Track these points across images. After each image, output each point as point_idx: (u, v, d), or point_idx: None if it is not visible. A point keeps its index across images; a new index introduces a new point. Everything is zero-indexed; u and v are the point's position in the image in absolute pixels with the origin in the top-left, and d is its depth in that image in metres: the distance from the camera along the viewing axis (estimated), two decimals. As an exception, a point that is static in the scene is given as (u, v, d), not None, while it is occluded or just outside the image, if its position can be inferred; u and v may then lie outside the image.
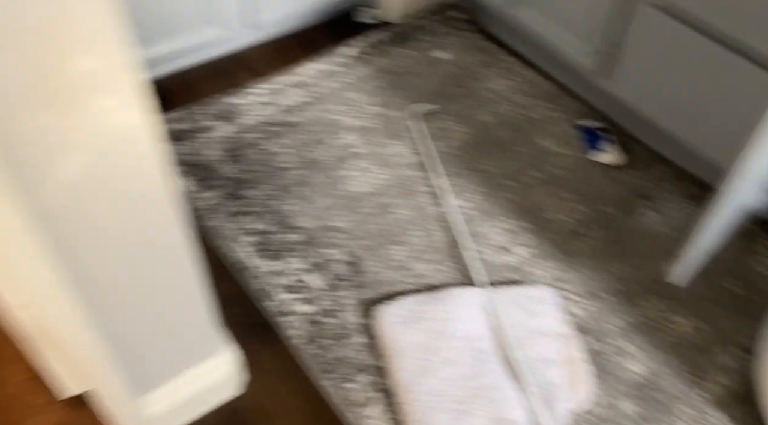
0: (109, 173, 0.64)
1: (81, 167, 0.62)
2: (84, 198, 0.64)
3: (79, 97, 0.58)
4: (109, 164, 0.63)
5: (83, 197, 0.64)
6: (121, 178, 0.65)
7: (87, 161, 0.62)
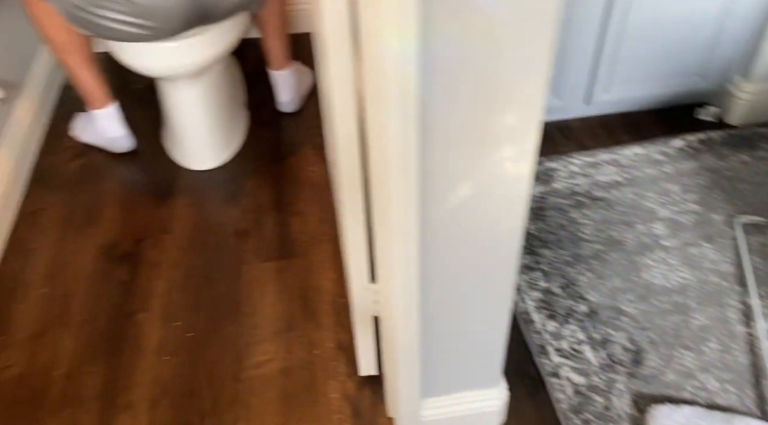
0: (481, 205, 0.73)
1: (463, 197, 0.71)
2: (454, 221, 0.73)
3: (492, 144, 0.67)
4: (485, 198, 0.72)
5: (454, 219, 0.73)
6: (489, 211, 0.73)
7: (470, 194, 0.71)
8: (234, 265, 1.39)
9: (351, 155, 0.80)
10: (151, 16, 1.22)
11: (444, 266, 0.77)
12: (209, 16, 1.31)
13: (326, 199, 1.53)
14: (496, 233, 0.75)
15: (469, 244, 0.76)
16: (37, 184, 1.59)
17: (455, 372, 0.95)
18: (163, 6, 1.21)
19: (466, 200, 0.71)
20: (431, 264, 0.77)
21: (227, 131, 1.66)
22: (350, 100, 0.74)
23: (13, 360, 1.21)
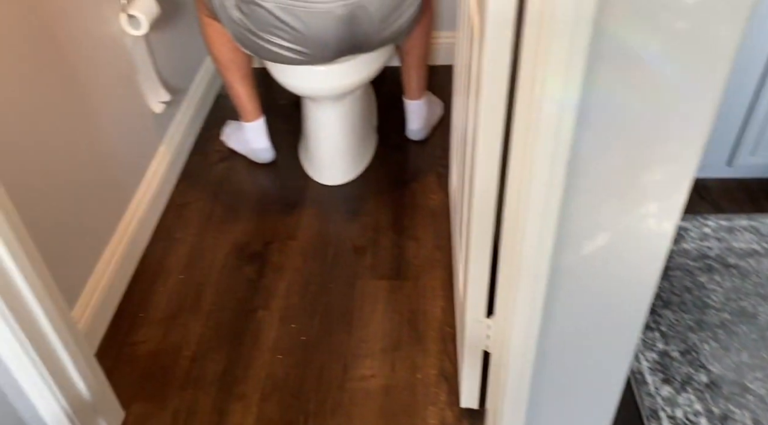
0: (616, 257, 0.73)
1: (600, 247, 0.72)
2: (586, 268, 0.74)
3: (637, 199, 0.67)
4: (621, 251, 0.72)
5: (586, 267, 0.74)
6: (624, 264, 0.73)
7: (607, 244, 0.72)
8: (349, 278, 1.46)
9: (488, 190, 0.83)
10: (310, 45, 1.33)
11: (568, 313, 0.78)
12: (361, 47, 1.40)
13: (442, 227, 1.57)
14: (627, 287, 0.75)
15: (597, 294, 0.76)
16: (186, 180, 1.76)
17: (561, 421, 0.94)
18: (322, 37, 1.32)
19: (602, 250, 0.71)
20: (555, 308, 0.78)
21: (358, 152, 1.76)
22: (497, 139, 0.78)
23: (148, 336, 1.36)
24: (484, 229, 0.87)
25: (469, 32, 0.96)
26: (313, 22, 1.28)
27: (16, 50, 1.12)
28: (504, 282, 0.84)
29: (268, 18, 1.28)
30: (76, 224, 1.30)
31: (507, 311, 0.83)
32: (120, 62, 1.50)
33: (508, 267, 0.80)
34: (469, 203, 0.96)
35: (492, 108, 0.75)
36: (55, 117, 1.24)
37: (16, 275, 0.86)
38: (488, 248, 0.89)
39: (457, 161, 1.32)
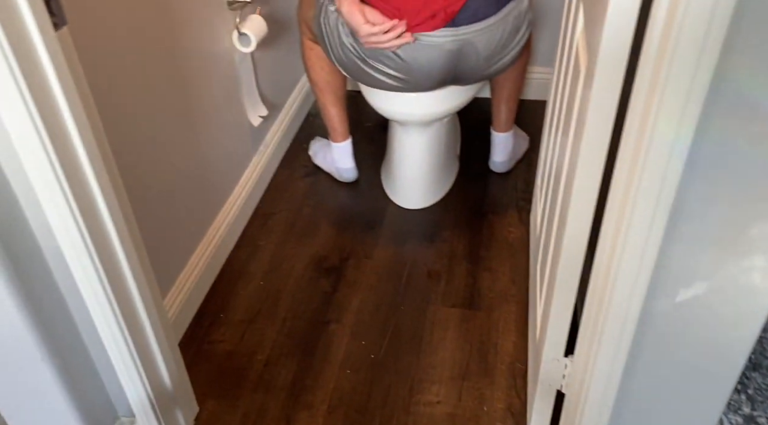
0: (713, 309, 0.71)
1: (696, 296, 0.70)
2: (679, 317, 0.72)
3: (743, 250, 0.66)
4: (720, 303, 0.70)
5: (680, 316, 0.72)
6: (721, 317, 0.71)
7: (704, 294, 0.70)
8: (421, 302, 1.47)
9: (580, 229, 0.83)
10: (414, 75, 1.38)
11: (654, 362, 0.76)
12: (461, 80, 1.44)
13: (520, 262, 1.56)
14: (721, 342, 0.72)
15: (687, 346, 0.74)
16: (273, 191, 1.84)
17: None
18: (427, 69, 1.36)
19: (698, 300, 0.70)
20: (641, 356, 0.76)
21: (439, 178, 1.78)
22: (596, 178, 0.78)
23: (227, 336, 1.42)
24: (572, 267, 0.87)
25: (572, 69, 0.97)
26: (421, 54, 1.33)
27: (144, 58, 1.23)
28: (588, 323, 0.83)
29: (378, 49, 1.34)
30: (174, 223, 1.38)
31: (589, 353, 0.82)
32: (227, 77, 1.60)
33: (595, 308, 0.79)
34: (557, 240, 0.95)
35: (594, 147, 0.76)
36: (167, 123, 1.33)
37: (123, 261, 0.93)
38: (574, 287, 0.89)
39: (542, 198, 1.32)
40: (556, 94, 1.22)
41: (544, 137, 1.43)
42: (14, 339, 0.88)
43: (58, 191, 0.80)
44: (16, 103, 0.72)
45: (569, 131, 0.92)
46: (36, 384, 0.94)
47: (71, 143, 0.80)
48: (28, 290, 0.85)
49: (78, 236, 0.84)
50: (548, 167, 1.25)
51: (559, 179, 0.99)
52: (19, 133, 0.75)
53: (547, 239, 1.09)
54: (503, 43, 1.36)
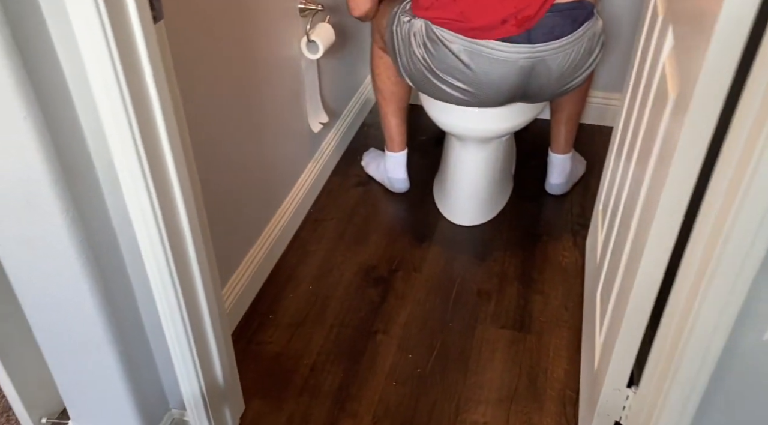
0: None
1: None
2: (765, 356, 0.69)
3: None
4: None
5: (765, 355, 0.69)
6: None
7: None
8: (470, 321, 1.46)
9: (656, 264, 0.81)
10: (484, 90, 1.37)
11: (732, 402, 0.73)
12: (528, 98, 1.43)
13: (573, 287, 1.53)
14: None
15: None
16: (325, 198, 1.85)
17: None
18: (498, 84, 1.35)
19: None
20: (717, 394, 0.73)
21: (493, 196, 1.76)
22: (679, 210, 0.76)
23: (274, 338, 1.42)
24: (644, 300, 0.84)
25: (653, 95, 0.95)
26: (493, 69, 1.32)
27: (221, 59, 1.26)
28: (660, 356, 0.80)
29: (451, 59, 1.34)
30: (233, 221, 1.40)
31: (660, 387, 0.80)
32: (292, 82, 1.62)
33: (670, 341, 0.76)
34: (628, 272, 0.93)
35: (680, 179, 0.74)
36: (235, 123, 1.36)
37: (191, 254, 0.94)
38: (645, 320, 0.86)
39: (604, 225, 1.29)
40: (628, 121, 1.19)
41: (608, 163, 1.40)
42: (84, 321, 0.90)
43: (141, 180, 0.81)
44: (112, 89, 0.74)
45: (647, 162, 0.90)
46: (98, 368, 0.96)
47: (157, 133, 0.82)
48: (101, 275, 0.87)
49: (154, 227, 0.85)
50: (614, 195, 1.23)
51: (632, 209, 0.97)
52: (110, 119, 0.77)
53: (613, 269, 1.07)
54: (576, 63, 1.35)
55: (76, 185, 0.78)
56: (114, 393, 0.99)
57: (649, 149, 0.90)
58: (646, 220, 0.84)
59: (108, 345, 0.92)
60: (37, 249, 0.82)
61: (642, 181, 0.92)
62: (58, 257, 0.82)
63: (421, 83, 1.46)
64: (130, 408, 1.02)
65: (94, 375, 0.97)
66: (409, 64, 1.45)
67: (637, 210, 0.92)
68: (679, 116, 0.75)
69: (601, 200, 1.43)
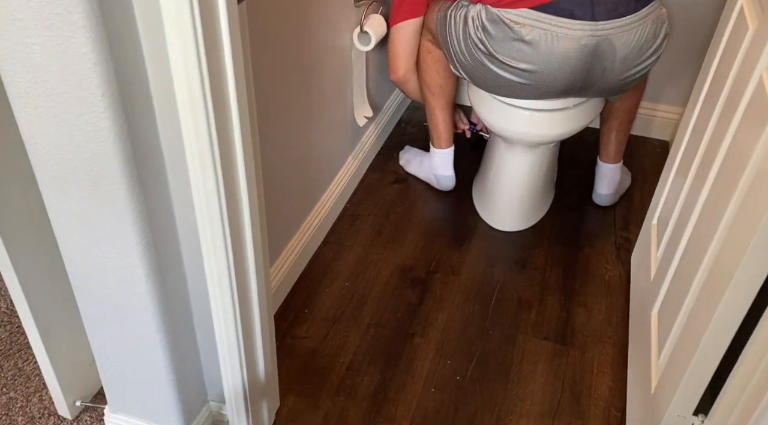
0: None
1: None
2: None
3: None
4: None
5: None
6: None
7: None
8: (511, 330, 1.42)
9: (747, 291, 0.77)
10: (546, 70, 1.31)
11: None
12: (590, 86, 1.37)
13: (616, 301, 1.49)
14: None
15: None
16: (362, 193, 1.81)
17: None
18: (560, 63, 1.29)
19: None
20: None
21: (535, 203, 1.72)
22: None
23: (310, 333, 1.39)
24: (726, 325, 0.80)
25: (744, 110, 0.90)
26: (556, 46, 1.27)
27: (279, 46, 1.22)
28: (743, 386, 0.76)
29: (512, 38, 1.29)
30: (275, 212, 1.37)
31: (738, 419, 0.75)
32: (342, 73, 1.58)
33: (758, 373, 0.72)
34: (706, 294, 0.89)
35: None
36: (285, 111, 1.32)
37: (249, 243, 0.91)
38: (724, 347, 0.82)
39: (661, 243, 1.24)
40: (698, 136, 1.15)
41: (667, 177, 1.35)
42: (136, 308, 0.87)
43: (210, 164, 0.78)
44: (191, 67, 0.71)
45: (734, 183, 0.85)
46: (145, 356, 0.93)
47: (229, 115, 0.78)
48: (158, 262, 0.84)
49: (217, 213, 0.82)
50: (677, 212, 1.18)
51: (709, 230, 0.92)
52: (186, 98, 0.73)
53: (679, 289, 1.02)
54: (641, 45, 1.30)
55: (144, 167, 0.74)
56: (157, 382, 0.96)
57: (738, 169, 0.85)
58: (735, 246, 0.80)
59: (158, 334, 0.89)
60: (96, 230, 0.78)
61: (724, 203, 0.88)
62: (118, 241, 0.79)
63: (477, 73, 1.41)
64: (171, 398, 0.98)
65: (139, 362, 0.94)
66: (464, 52, 1.40)
67: (718, 232, 0.88)
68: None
69: (656, 215, 1.39)
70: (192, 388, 1.03)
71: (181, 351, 0.95)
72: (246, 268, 0.93)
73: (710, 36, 1.86)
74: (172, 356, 0.93)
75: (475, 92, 1.57)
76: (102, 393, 1.21)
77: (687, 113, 1.31)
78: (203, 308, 0.95)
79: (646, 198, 1.79)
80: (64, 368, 1.11)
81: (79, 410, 1.19)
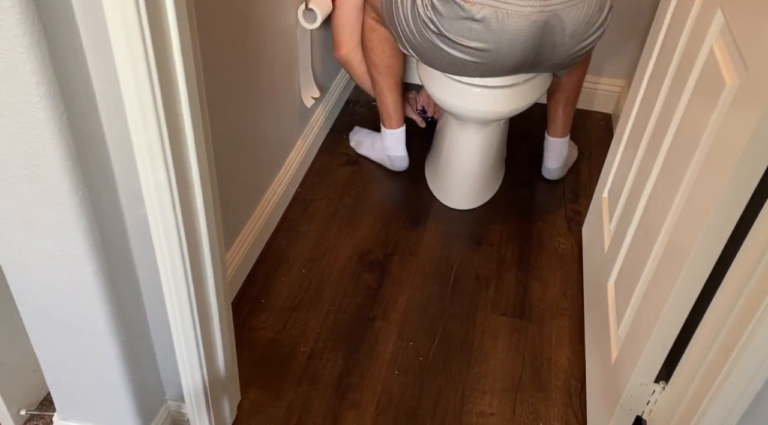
0: None
1: None
2: None
3: None
4: None
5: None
6: None
7: None
8: (470, 307, 1.42)
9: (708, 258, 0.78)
10: (497, 47, 1.30)
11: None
12: (543, 61, 1.36)
13: (570, 274, 1.52)
14: None
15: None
16: (313, 176, 1.77)
17: None
18: (511, 39, 1.28)
19: None
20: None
21: (488, 180, 1.73)
22: (739, 208, 0.73)
23: (268, 323, 1.35)
24: (687, 295, 0.82)
25: (695, 83, 0.92)
26: (507, 23, 1.26)
27: (219, 23, 1.16)
28: (704, 353, 0.78)
29: (462, 16, 1.27)
30: (226, 198, 1.31)
31: (701, 385, 0.78)
32: (287, 53, 1.53)
33: (722, 339, 0.74)
34: (666, 265, 0.91)
35: (747, 169, 0.71)
36: (229, 93, 1.26)
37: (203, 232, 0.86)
38: (684, 316, 0.84)
39: (616, 214, 1.27)
40: (647, 109, 1.17)
41: (615, 150, 1.38)
42: (85, 309, 0.81)
43: (159, 153, 0.73)
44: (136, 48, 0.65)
45: (690, 154, 0.87)
46: (96, 359, 0.87)
47: (179, 101, 0.73)
48: (107, 259, 0.78)
49: (169, 204, 0.77)
50: (629, 184, 1.20)
51: (666, 202, 0.94)
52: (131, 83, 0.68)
53: (635, 260, 1.05)
54: (588, 19, 1.31)
55: (87, 160, 0.69)
56: (110, 385, 0.91)
57: (692, 141, 0.87)
58: (692, 218, 0.81)
59: (109, 335, 0.83)
60: (37, 229, 0.72)
61: (679, 175, 0.90)
62: (62, 240, 0.73)
63: (427, 53, 1.39)
64: (126, 400, 0.93)
65: (90, 365, 0.88)
66: (414, 32, 1.37)
67: (674, 205, 0.90)
68: (746, 105, 0.71)
69: (606, 188, 1.42)
70: (148, 388, 0.98)
71: (136, 350, 0.90)
72: (201, 260, 0.88)
73: (649, 9, 1.90)
74: (125, 356, 0.88)
75: (424, 71, 1.55)
76: (49, 400, 1.14)
77: (634, 85, 1.33)
78: (157, 304, 0.90)
79: (594, 171, 1.83)
80: (5, 375, 1.04)
81: (24, 419, 1.12)
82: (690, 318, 0.86)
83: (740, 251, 0.74)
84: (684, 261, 0.81)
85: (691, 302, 0.83)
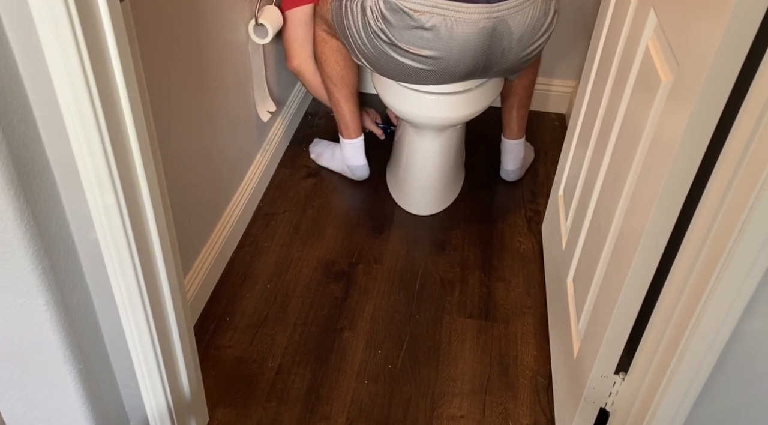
0: None
1: None
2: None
3: None
4: None
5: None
6: None
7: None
8: (436, 312, 1.43)
9: (654, 249, 0.81)
10: (448, 55, 1.33)
11: (734, 388, 0.74)
12: (493, 67, 1.39)
13: (532, 273, 1.54)
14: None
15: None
16: (274, 191, 1.77)
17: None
18: (461, 46, 1.31)
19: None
20: (720, 381, 0.74)
21: (447, 186, 1.75)
22: (681, 195, 0.76)
23: (234, 341, 1.34)
24: (638, 286, 0.84)
25: (634, 81, 0.95)
26: (456, 31, 1.28)
27: (168, 40, 1.15)
28: (659, 341, 0.81)
29: (412, 25, 1.29)
30: (182, 220, 1.30)
31: (659, 371, 0.80)
32: (240, 69, 1.52)
33: (674, 326, 0.77)
34: (617, 257, 0.93)
35: (685, 162, 0.73)
36: (182, 112, 1.25)
37: (158, 256, 0.85)
38: (638, 306, 0.86)
39: (572, 212, 1.30)
40: (594, 108, 1.20)
41: (568, 149, 1.42)
42: (38, 338, 0.79)
43: (106, 176, 0.72)
44: (74, 71, 0.64)
45: (633, 149, 0.90)
46: (52, 390, 0.85)
47: (123, 121, 0.72)
48: (58, 287, 0.76)
49: (120, 227, 0.76)
50: (582, 181, 1.24)
51: (614, 196, 0.97)
52: (72, 107, 0.67)
53: (591, 255, 1.07)
54: (534, 24, 1.34)
55: (31, 188, 0.67)
56: (69, 415, 0.89)
57: (635, 136, 0.90)
58: (639, 210, 0.84)
59: (65, 364, 0.81)
60: (-19, 260, 0.70)
61: (625, 170, 0.93)
62: (9, 270, 0.71)
63: (380, 62, 1.41)
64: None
65: (47, 397, 0.86)
66: (365, 42, 1.39)
67: (622, 199, 0.92)
68: (680, 100, 0.74)
69: (561, 186, 1.45)
70: (111, 416, 0.96)
71: (95, 377, 0.88)
72: (158, 282, 0.87)
73: (594, 11, 1.96)
74: (84, 385, 0.86)
75: (379, 80, 1.56)
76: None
77: (581, 86, 1.37)
78: (115, 329, 0.88)
79: (550, 170, 1.87)
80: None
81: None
82: (648, 309, 0.88)
83: (684, 240, 0.76)
84: (634, 251, 0.83)
85: (644, 291, 0.85)
